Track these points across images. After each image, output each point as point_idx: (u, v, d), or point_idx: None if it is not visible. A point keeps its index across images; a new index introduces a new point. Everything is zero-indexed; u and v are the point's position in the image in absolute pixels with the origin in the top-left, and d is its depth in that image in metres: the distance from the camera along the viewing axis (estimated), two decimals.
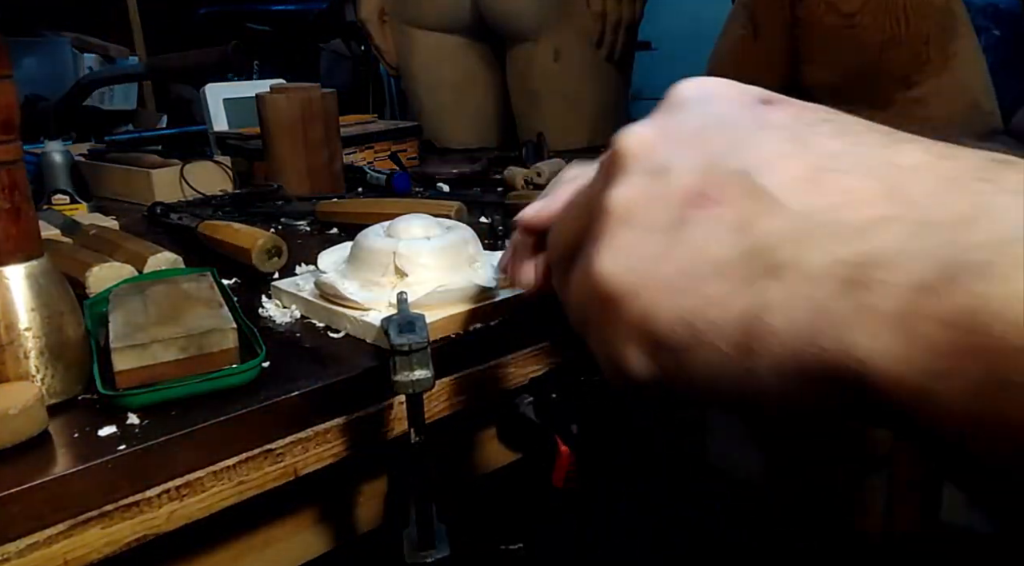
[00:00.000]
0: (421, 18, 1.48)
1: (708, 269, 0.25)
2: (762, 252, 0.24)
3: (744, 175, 0.25)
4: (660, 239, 0.26)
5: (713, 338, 0.25)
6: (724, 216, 0.25)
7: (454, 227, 0.58)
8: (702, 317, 0.25)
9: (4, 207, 0.41)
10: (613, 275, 0.27)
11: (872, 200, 0.22)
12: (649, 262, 0.26)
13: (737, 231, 0.24)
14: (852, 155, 0.24)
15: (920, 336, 0.20)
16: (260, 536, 0.48)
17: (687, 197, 0.26)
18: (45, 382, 0.42)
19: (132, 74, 1.63)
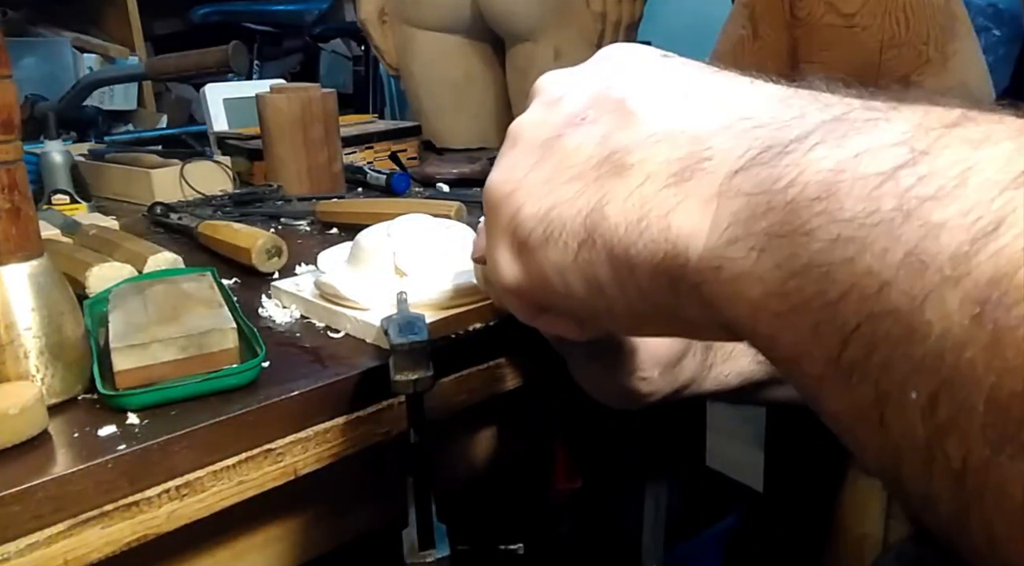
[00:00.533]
0: (421, 18, 1.48)
1: (568, 173, 0.28)
2: (615, 157, 0.27)
3: (620, 101, 0.28)
4: (538, 153, 0.30)
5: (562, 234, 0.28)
6: (593, 131, 0.28)
7: (454, 227, 0.58)
8: (556, 214, 0.28)
9: (4, 207, 0.41)
10: (494, 184, 0.31)
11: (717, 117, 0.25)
12: (524, 171, 0.30)
13: (600, 143, 0.28)
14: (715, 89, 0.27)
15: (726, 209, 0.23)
16: (260, 536, 0.48)
17: (569, 118, 0.29)
18: (45, 382, 0.42)
19: (132, 74, 1.62)
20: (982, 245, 0.17)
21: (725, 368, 0.51)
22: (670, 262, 0.24)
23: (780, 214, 0.21)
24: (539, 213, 0.29)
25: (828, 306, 0.20)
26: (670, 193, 0.25)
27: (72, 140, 1.25)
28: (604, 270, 0.27)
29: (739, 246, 0.22)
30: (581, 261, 0.27)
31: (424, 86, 1.54)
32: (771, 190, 0.22)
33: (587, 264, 0.27)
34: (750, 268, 0.22)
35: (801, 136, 0.22)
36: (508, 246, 0.30)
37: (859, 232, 0.19)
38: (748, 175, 0.23)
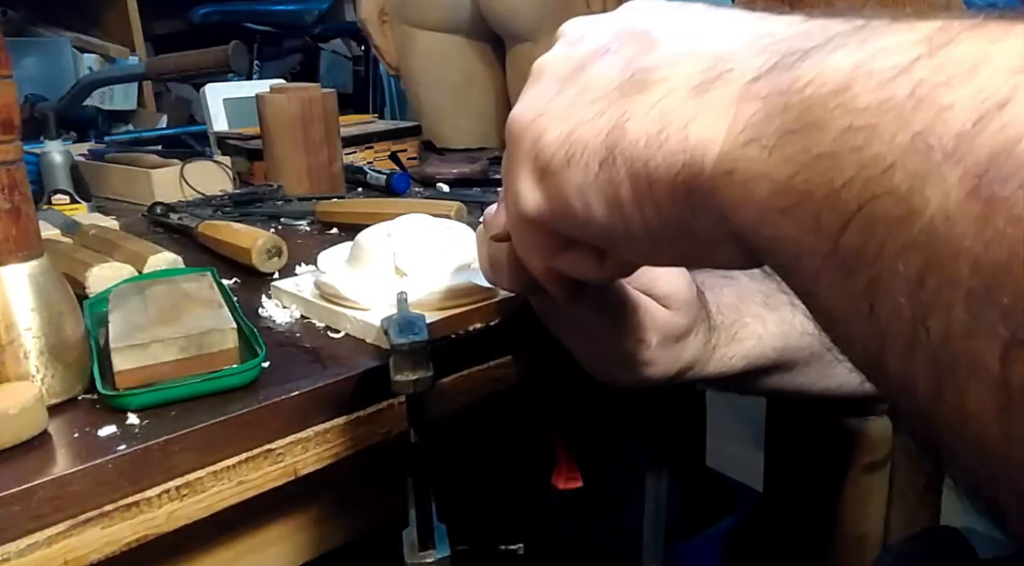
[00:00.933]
0: (421, 18, 1.48)
1: (590, 96, 0.29)
2: (638, 77, 0.27)
3: (643, 33, 0.29)
4: (560, 85, 0.30)
5: (583, 154, 0.28)
6: (616, 58, 0.29)
7: (454, 227, 0.58)
8: (577, 136, 0.28)
9: (4, 207, 0.41)
10: (517, 115, 0.31)
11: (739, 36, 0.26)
12: (547, 100, 0.30)
13: (623, 68, 0.28)
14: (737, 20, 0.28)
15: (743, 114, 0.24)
16: (260, 536, 0.48)
17: (592, 52, 0.30)
18: (45, 382, 0.42)
19: (132, 74, 1.62)
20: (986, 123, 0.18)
21: (730, 350, 0.51)
22: (687, 172, 0.25)
23: (795, 111, 0.22)
24: (561, 136, 0.29)
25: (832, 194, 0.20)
26: (690, 104, 0.25)
27: (72, 140, 1.25)
28: (624, 187, 0.27)
29: (752, 146, 0.23)
30: (602, 180, 0.28)
31: (424, 86, 1.54)
32: (788, 90, 0.22)
33: (608, 183, 0.27)
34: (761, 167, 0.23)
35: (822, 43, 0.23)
36: (530, 173, 0.31)
37: (871, 120, 0.20)
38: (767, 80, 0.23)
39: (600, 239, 0.31)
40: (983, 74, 0.18)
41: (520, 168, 0.31)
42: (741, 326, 0.52)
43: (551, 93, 0.30)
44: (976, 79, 0.18)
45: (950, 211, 0.18)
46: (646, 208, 0.27)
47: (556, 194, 0.30)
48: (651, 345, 0.46)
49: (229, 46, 0.90)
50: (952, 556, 0.51)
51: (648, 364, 0.47)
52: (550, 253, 0.34)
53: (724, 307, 0.52)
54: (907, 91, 0.19)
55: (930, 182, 0.18)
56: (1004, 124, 0.17)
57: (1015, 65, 0.18)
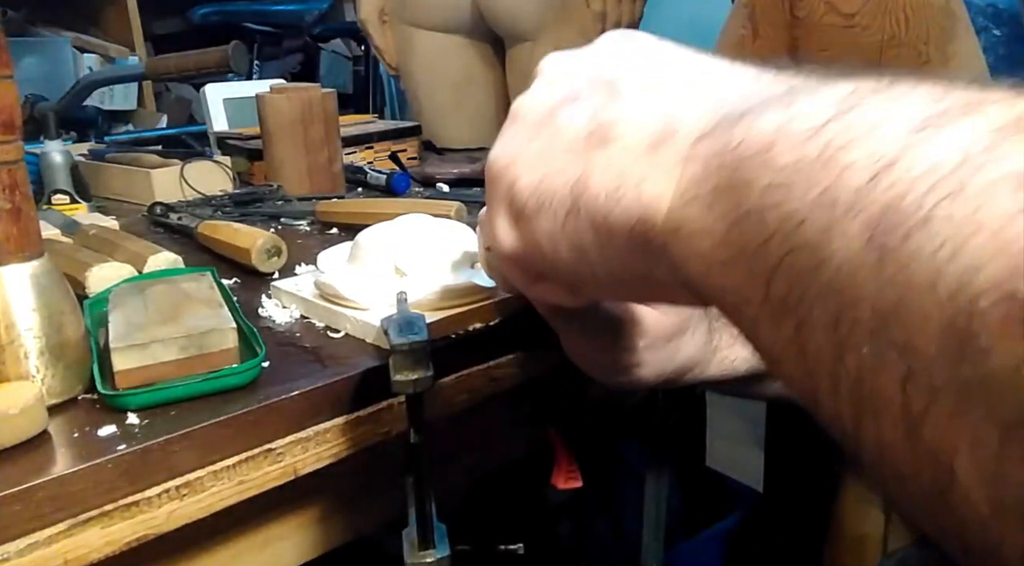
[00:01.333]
0: (421, 18, 1.48)
1: (561, 146, 0.30)
2: (601, 130, 0.29)
3: (611, 82, 0.31)
4: (534, 129, 0.32)
5: (552, 203, 0.30)
6: (584, 107, 0.31)
7: (454, 227, 0.58)
8: (547, 184, 0.30)
9: (4, 207, 0.41)
10: (494, 158, 0.33)
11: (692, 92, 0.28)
12: (521, 146, 0.32)
13: (589, 117, 0.30)
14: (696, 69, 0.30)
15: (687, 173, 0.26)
16: (260, 536, 0.48)
17: (564, 98, 0.32)
18: (45, 382, 0.42)
19: (132, 74, 1.62)
20: (879, 180, 0.20)
21: (731, 353, 0.51)
22: (642, 226, 0.27)
23: (728, 171, 0.24)
24: (532, 184, 0.31)
25: (760, 247, 0.22)
26: (643, 162, 0.27)
27: (72, 140, 1.25)
28: (588, 236, 0.29)
29: (694, 204, 0.25)
30: (568, 229, 0.30)
31: (424, 86, 1.54)
32: (723, 151, 0.24)
33: (573, 232, 0.30)
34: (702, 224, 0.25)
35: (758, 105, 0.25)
36: (505, 215, 0.33)
37: (788, 178, 0.22)
38: (707, 141, 0.26)
39: (569, 279, 0.33)
40: (879, 135, 0.20)
41: (497, 209, 0.33)
42: None
43: (525, 137, 0.32)
44: (873, 140, 0.20)
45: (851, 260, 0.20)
46: (608, 256, 0.29)
47: (529, 238, 0.32)
48: (638, 348, 0.46)
49: (229, 46, 0.90)
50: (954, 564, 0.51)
51: (638, 366, 0.47)
52: (527, 284, 0.37)
53: None
54: (817, 152, 0.21)
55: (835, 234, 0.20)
56: (893, 181, 0.19)
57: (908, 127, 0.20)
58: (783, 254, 0.22)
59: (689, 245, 0.25)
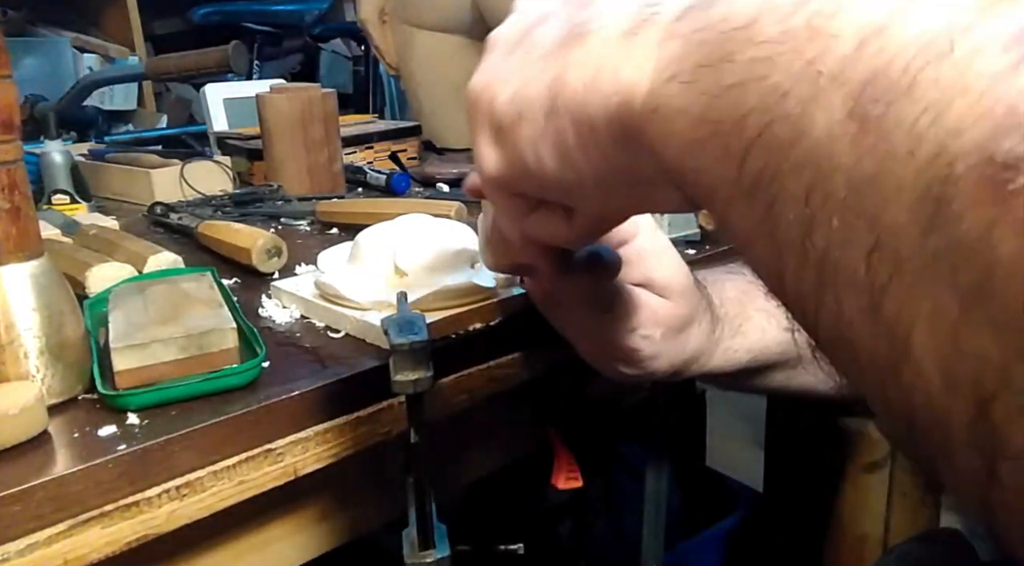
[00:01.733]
0: (421, 18, 1.48)
1: (535, 55, 0.30)
2: (576, 30, 0.29)
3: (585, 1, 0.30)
4: (510, 51, 0.32)
5: (532, 109, 0.30)
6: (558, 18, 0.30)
7: (454, 227, 0.58)
8: (524, 93, 0.30)
9: (4, 207, 0.41)
10: (473, 84, 0.33)
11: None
12: (498, 67, 0.32)
13: (563, 24, 0.30)
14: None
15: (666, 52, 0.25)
16: (260, 536, 0.48)
17: (538, 18, 0.32)
18: (45, 382, 0.42)
19: (132, 74, 1.62)
20: (865, 48, 0.19)
21: (734, 343, 0.52)
22: (621, 113, 0.26)
23: (710, 47, 0.23)
24: (511, 95, 0.31)
25: (738, 122, 0.22)
26: (621, 48, 0.27)
27: (72, 140, 1.25)
28: (569, 135, 0.29)
29: (673, 83, 0.24)
30: (549, 131, 0.29)
31: (424, 86, 1.54)
32: (704, 27, 0.24)
33: (555, 132, 0.29)
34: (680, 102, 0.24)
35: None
36: (488, 135, 0.33)
37: (771, 51, 0.21)
38: (687, 18, 0.25)
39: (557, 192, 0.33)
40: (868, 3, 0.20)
41: (479, 132, 0.33)
42: (745, 319, 0.52)
43: (500, 59, 0.32)
44: (861, 8, 0.20)
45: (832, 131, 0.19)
46: (591, 153, 0.29)
47: (511, 152, 0.32)
48: (655, 338, 0.47)
49: (229, 46, 0.90)
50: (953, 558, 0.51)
51: (653, 357, 0.47)
52: (520, 215, 0.36)
53: (727, 301, 0.52)
54: (803, 22, 0.21)
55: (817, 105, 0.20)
56: (880, 48, 0.19)
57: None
58: (761, 127, 0.21)
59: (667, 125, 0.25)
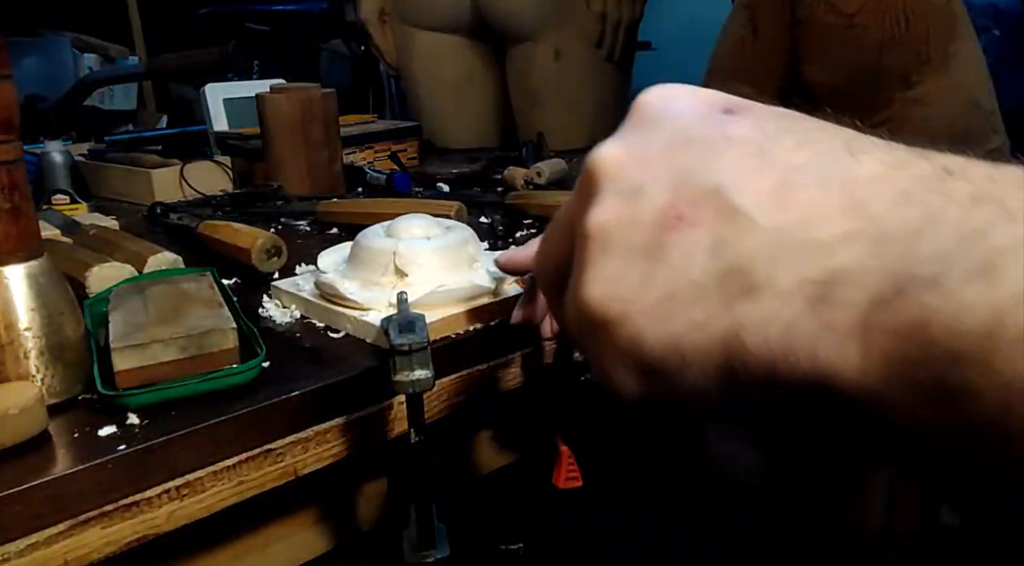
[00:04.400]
0: (421, 18, 1.48)
1: (689, 293, 0.26)
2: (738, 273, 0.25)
3: (716, 193, 0.25)
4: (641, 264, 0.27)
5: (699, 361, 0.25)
6: (700, 238, 0.25)
7: (454, 227, 0.58)
8: (688, 342, 0.26)
9: (4, 207, 0.41)
10: (600, 303, 0.27)
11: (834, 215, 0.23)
12: (633, 289, 0.27)
13: (714, 253, 0.25)
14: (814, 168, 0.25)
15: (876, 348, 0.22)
16: (260, 536, 0.48)
17: (663, 219, 0.26)
18: (45, 382, 0.42)
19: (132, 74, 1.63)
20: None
21: None
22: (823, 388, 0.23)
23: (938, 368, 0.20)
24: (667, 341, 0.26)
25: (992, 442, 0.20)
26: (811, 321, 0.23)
27: (72, 140, 1.25)
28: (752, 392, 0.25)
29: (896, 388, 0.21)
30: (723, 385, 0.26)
31: (424, 86, 1.54)
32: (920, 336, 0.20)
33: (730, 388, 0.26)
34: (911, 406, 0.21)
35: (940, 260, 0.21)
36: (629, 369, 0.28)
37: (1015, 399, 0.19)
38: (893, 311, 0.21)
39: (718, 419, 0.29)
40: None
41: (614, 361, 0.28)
42: None
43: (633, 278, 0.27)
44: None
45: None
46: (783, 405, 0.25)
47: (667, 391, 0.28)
48: None
49: (229, 46, 0.90)
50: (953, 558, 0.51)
51: None
52: None
53: None
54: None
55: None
56: None
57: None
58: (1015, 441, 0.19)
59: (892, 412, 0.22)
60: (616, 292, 0.27)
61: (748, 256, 0.24)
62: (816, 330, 0.23)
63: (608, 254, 0.28)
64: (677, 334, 0.26)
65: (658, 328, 0.26)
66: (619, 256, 0.27)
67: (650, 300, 0.26)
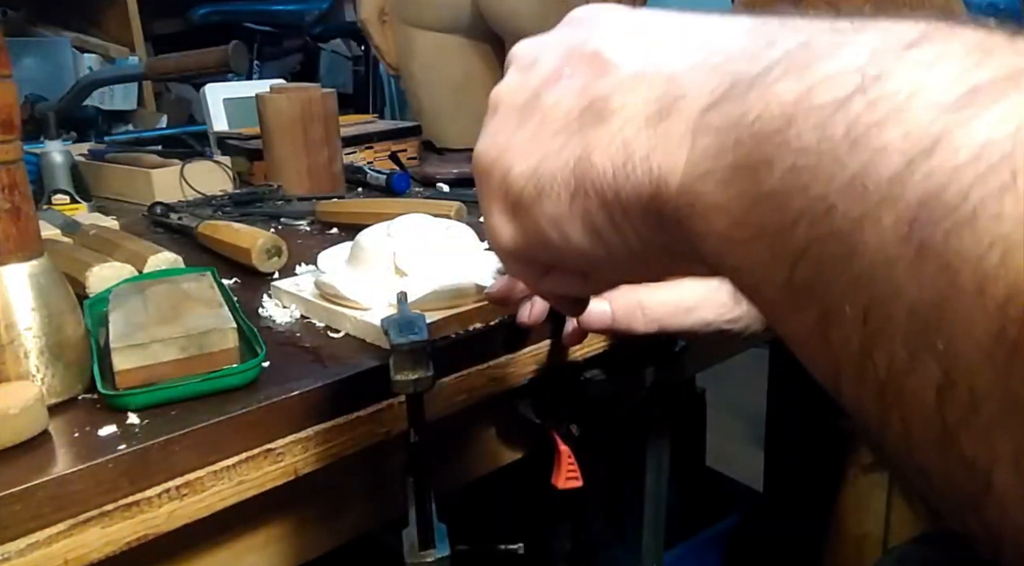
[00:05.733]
0: (421, 18, 1.48)
1: (552, 128, 0.29)
2: (596, 104, 0.27)
3: (595, 54, 0.29)
4: (519, 116, 0.30)
5: (553, 187, 0.28)
6: (571, 85, 0.29)
7: (454, 227, 0.58)
8: (544, 169, 0.29)
9: (4, 207, 0.41)
10: (482, 152, 0.31)
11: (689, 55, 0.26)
12: (508, 134, 0.30)
13: (580, 94, 0.28)
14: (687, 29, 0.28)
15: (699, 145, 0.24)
16: (260, 536, 0.48)
17: (546, 78, 0.30)
18: (45, 382, 0.42)
19: (132, 74, 1.62)
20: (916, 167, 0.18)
21: None
22: (656, 200, 0.25)
23: (746, 147, 0.22)
24: (528, 171, 0.29)
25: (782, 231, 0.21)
26: (649, 133, 0.26)
27: (72, 140, 1.25)
28: (599, 215, 0.27)
29: (708, 180, 0.23)
30: (576, 210, 0.28)
31: (424, 86, 1.54)
32: (738, 124, 0.23)
33: (583, 212, 0.28)
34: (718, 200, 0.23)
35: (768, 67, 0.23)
36: (502, 209, 0.31)
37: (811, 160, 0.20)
38: (718, 111, 0.24)
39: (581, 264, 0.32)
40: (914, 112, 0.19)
41: (492, 204, 0.32)
42: None
43: (511, 126, 0.31)
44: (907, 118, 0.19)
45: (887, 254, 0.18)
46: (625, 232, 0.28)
47: (531, 227, 0.30)
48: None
49: (229, 46, 0.90)
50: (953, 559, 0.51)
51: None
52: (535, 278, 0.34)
53: None
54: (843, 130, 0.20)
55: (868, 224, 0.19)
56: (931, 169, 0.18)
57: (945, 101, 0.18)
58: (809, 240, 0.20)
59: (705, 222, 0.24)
60: (495, 141, 0.31)
61: (607, 91, 0.27)
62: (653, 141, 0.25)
63: (496, 114, 0.32)
64: (537, 164, 0.29)
65: (522, 161, 0.29)
66: (502, 113, 0.31)
67: (518, 140, 0.30)
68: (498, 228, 0.32)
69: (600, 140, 0.27)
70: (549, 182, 0.28)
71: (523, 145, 0.30)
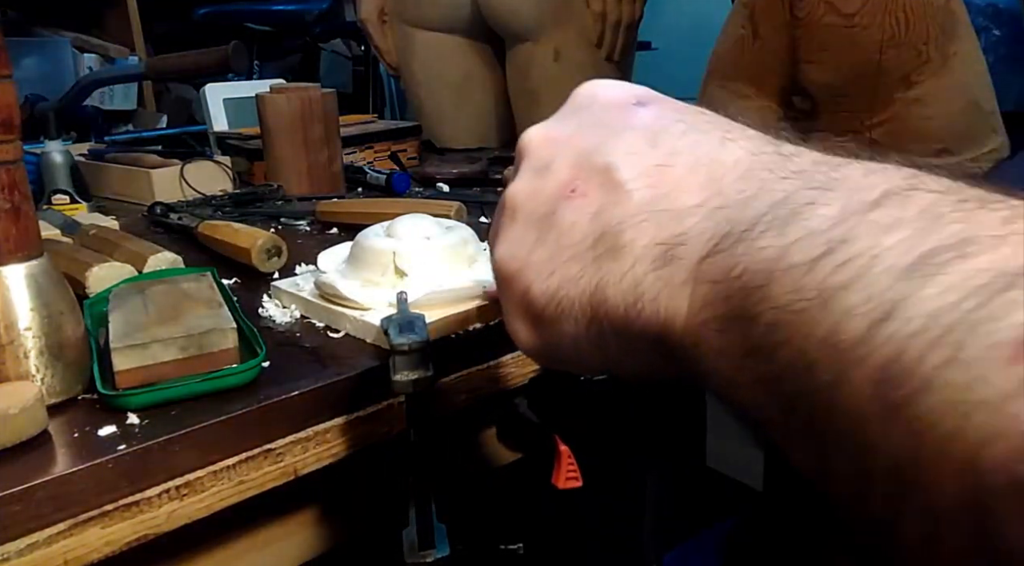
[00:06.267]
0: (421, 18, 1.48)
1: (568, 253, 0.30)
2: (609, 236, 0.29)
3: (606, 170, 0.30)
4: (537, 229, 0.32)
5: (572, 311, 0.30)
6: (587, 206, 0.30)
7: (454, 227, 0.58)
8: (564, 295, 0.30)
9: (4, 207, 0.41)
10: (503, 261, 0.33)
11: (693, 190, 0.28)
12: (528, 248, 0.32)
13: (594, 219, 0.30)
14: (691, 152, 0.29)
15: (699, 295, 0.26)
16: (260, 536, 0.48)
17: (562, 191, 0.31)
18: (45, 382, 0.42)
19: (132, 74, 1.62)
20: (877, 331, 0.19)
21: None
22: (664, 339, 0.27)
23: (735, 300, 0.24)
24: (547, 292, 0.31)
25: (774, 380, 0.22)
26: (655, 277, 0.27)
27: (72, 140, 1.25)
28: (613, 342, 0.29)
29: (708, 327, 0.25)
30: (592, 334, 0.30)
31: (424, 86, 1.54)
32: (728, 278, 0.24)
33: (597, 337, 0.30)
34: (718, 345, 0.25)
35: (754, 220, 0.25)
36: (522, 318, 0.33)
37: (790, 318, 0.22)
38: (712, 262, 0.25)
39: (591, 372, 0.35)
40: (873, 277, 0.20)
41: (513, 312, 0.34)
42: None
43: (530, 240, 0.32)
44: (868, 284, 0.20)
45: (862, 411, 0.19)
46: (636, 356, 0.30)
47: (549, 339, 0.32)
48: None
49: (229, 46, 0.90)
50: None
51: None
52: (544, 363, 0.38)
53: None
54: (815, 291, 0.21)
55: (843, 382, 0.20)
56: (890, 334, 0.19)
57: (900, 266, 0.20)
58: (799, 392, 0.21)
59: (709, 362, 0.25)
60: (515, 251, 0.32)
61: (619, 222, 0.29)
62: (658, 284, 0.27)
63: (515, 220, 0.33)
64: (556, 287, 0.31)
65: (542, 281, 0.31)
66: (522, 222, 0.33)
67: (539, 258, 0.31)
68: (519, 332, 0.34)
69: (613, 275, 0.29)
70: (567, 306, 0.30)
71: (542, 263, 0.31)
